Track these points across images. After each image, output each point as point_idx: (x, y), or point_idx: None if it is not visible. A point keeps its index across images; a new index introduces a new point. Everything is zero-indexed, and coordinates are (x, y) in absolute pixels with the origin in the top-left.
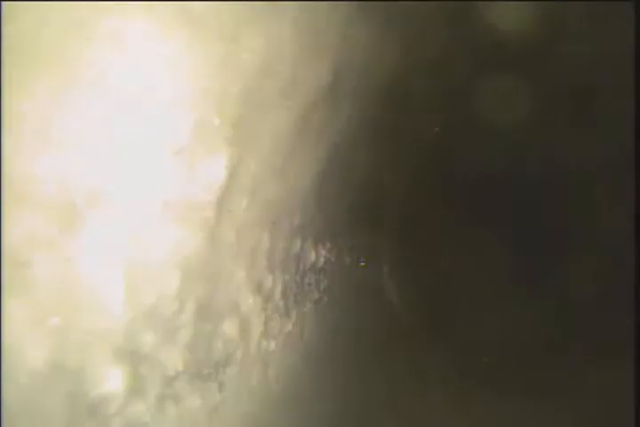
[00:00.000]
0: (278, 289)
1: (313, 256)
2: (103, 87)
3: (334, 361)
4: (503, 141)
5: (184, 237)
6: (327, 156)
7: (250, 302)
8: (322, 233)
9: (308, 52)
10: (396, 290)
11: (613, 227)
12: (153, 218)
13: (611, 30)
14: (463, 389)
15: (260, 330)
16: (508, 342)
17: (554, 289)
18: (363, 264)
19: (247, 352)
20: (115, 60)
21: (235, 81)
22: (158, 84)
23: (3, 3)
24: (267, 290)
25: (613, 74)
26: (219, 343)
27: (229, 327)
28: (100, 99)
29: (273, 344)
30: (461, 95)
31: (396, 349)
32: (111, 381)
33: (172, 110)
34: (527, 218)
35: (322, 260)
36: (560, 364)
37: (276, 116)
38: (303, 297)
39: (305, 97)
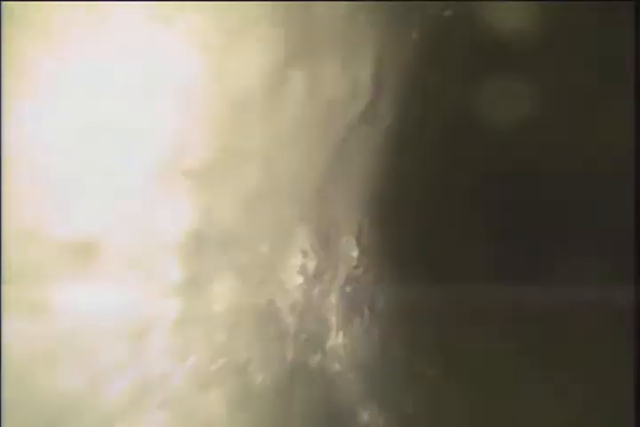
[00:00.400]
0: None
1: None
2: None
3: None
4: (503, 141)
5: None
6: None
7: None
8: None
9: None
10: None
11: (613, 227)
12: None
13: (611, 30)
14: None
15: None
16: (509, 343)
17: (554, 289)
18: None
19: None
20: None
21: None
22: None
23: (3, 3)
24: None
25: (614, 74)
26: None
27: None
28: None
29: None
30: (462, 95)
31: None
32: None
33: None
34: (527, 218)
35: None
36: (560, 364)
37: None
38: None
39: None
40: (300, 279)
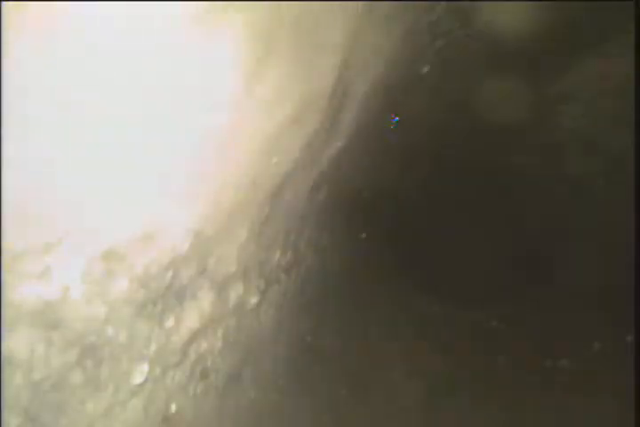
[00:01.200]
0: None
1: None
2: None
3: None
4: (503, 141)
5: None
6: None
7: None
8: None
9: (310, 51)
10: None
11: (613, 226)
12: None
13: (611, 31)
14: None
15: None
16: (509, 346)
17: (554, 289)
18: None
19: None
20: None
21: None
22: None
23: (3, 3)
24: None
25: (614, 74)
26: None
27: None
28: None
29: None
30: (462, 96)
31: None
32: None
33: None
34: (527, 219)
35: None
36: (560, 363)
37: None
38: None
39: (307, 99)
40: None
